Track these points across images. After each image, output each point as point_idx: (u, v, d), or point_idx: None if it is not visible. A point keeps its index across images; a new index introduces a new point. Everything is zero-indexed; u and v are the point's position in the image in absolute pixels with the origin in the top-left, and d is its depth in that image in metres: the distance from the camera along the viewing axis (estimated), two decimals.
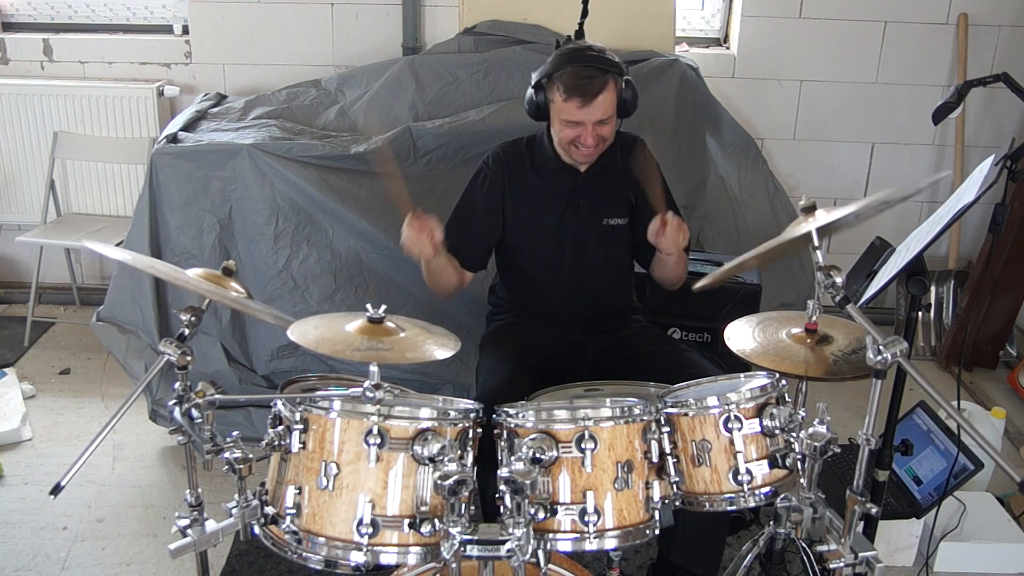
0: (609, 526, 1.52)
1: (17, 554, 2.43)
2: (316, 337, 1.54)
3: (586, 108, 2.06)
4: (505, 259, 2.35)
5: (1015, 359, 3.55)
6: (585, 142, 2.11)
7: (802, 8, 3.52)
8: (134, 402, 1.51)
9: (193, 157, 2.92)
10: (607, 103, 2.07)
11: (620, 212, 2.27)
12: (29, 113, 3.58)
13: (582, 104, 2.06)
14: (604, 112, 2.08)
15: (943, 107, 2.50)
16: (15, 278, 3.94)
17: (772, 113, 3.66)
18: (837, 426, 1.55)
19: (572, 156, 2.18)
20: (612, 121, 2.13)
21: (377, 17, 3.54)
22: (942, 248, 3.76)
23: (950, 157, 3.71)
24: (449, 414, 1.52)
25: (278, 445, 1.52)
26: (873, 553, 1.56)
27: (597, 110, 2.07)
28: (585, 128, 2.09)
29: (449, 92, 3.23)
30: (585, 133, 2.10)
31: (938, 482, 2.39)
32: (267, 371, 3.01)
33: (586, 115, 2.07)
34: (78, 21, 3.76)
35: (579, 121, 2.09)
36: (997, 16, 3.53)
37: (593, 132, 2.10)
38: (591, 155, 2.17)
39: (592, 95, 2.05)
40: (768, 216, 3.41)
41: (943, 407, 1.43)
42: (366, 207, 2.93)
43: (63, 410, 3.14)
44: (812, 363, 1.65)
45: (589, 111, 2.07)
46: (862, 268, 2.11)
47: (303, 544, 1.49)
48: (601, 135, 2.12)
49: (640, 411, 1.57)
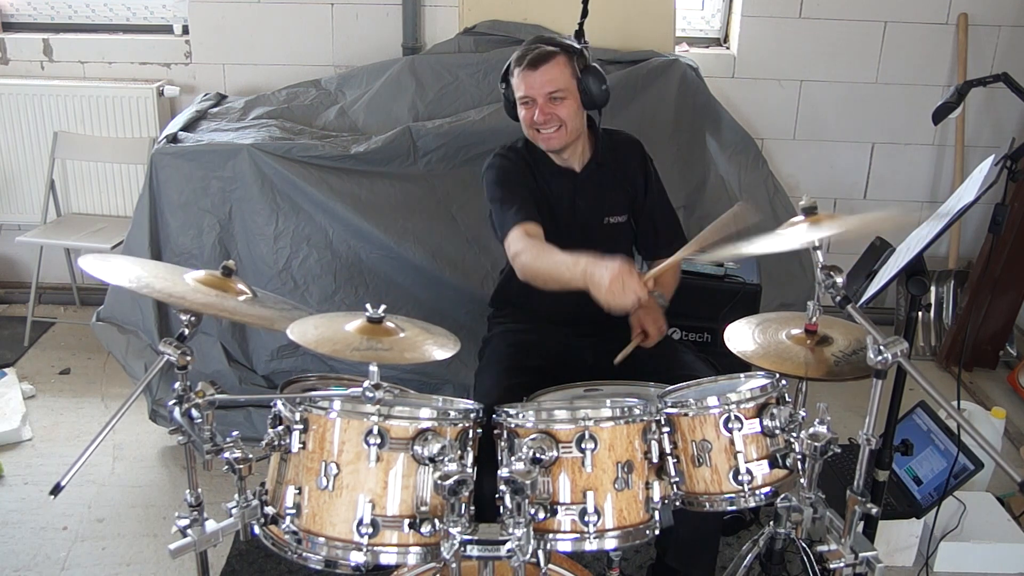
0: (609, 526, 1.52)
1: (17, 554, 2.43)
2: (316, 337, 1.54)
3: (533, 76, 2.07)
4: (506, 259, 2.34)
5: (1015, 359, 3.55)
6: (536, 119, 2.10)
7: (802, 8, 3.53)
8: (134, 402, 1.50)
9: (193, 157, 2.92)
10: (556, 74, 2.07)
11: (620, 209, 2.28)
12: (29, 113, 3.58)
13: (530, 72, 2.06)
14: (554, 84, 2.07)
15: (943, 107, 2.49)
16: (15, 278, 3.94)
17: (772, 113, 3.67)
18: (837, 426, 1.55)
19: (540, 145, 2.17)
20: (570, 103, 2.10)
21: (377, 17, 3.54)
22: (942, 248, 3.76)
23: (950, 157, 3.71)
24: (449, 414, 1.52)
25: (278, 445, 1.52)
26: (873, 553, 1.56)
27: (545, 79, 2.07)
28: (535, 104, 2.09)
29: (449, 92, 3.23)
30: (535, 109, 2.09)
31: (938, 482, 2.39)
32: (267, 371, 3.02)
33: (535, 86, 2.07)
34: (78, 21, 3.76)
35: (530, 97, 2.09)
36: (997, 16, 3.53)
37: (544, 108, 2.08)
38: (553, 140, 2.13)
39: (536, 63, 2.06)
40: (768, 216, 3.41)
41: (943, 407, 1.43)
42: (366, 207, 2.93)
43: (63, 410, 3.14)
44: (812, 364, 1.65)
45: (536, 79, 2.07)
46: (862, 268, 2.11)
47: (303, 544, 1.49)
48: (556, 114, 2.09)
49: (640, 411, 1.57)
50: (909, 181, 3.78)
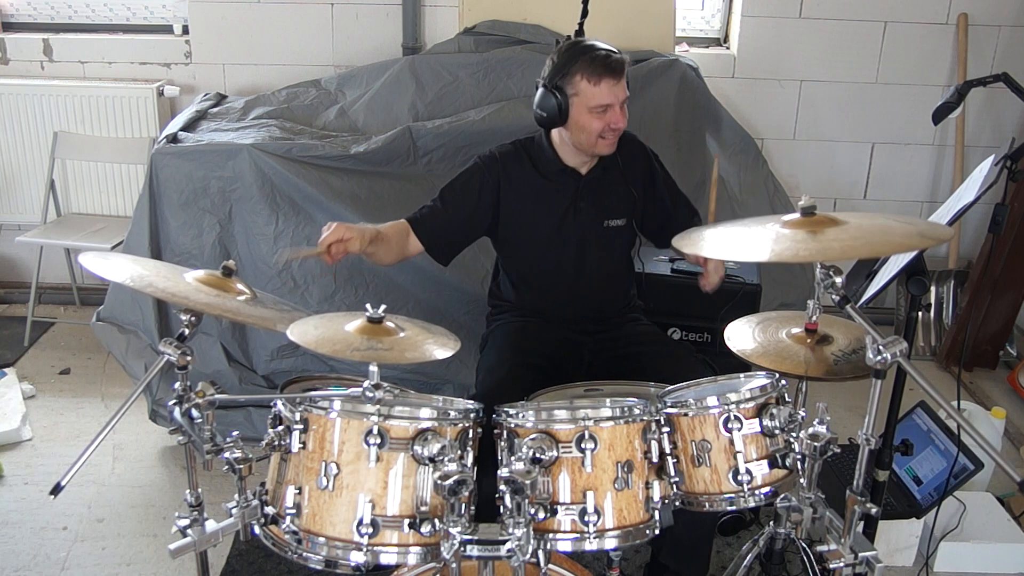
0: (609, 526, 1.52)
1: (17, 554, 2.43)
2: (316, 337, 1.54)
3: (618, 85, 2.09)
4: (506, 260, 2.35)
5: (1015, 359, 3.55)
6: (617, 123, 2.12)
7: (802, 8, 3.53)
8: (134, 402, 1.51)
9: (193, 157, 2.92)
10: (626, 82, 2.12)
11: (620, 213, 2.28)
12: (29, 113, 3.58)
13: (615, 81, 2.08)
14: (626, 91, 2.12)
15: (943, 107, 2.49)
16: (15, 278, 3.94)
17: (772, 113, 3.67)
18: (837, 426, 1.55)
19: (596, 150, 2.17)
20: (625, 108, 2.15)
21: (377, 17, 3.54)
22: (942, 248, 3.76)
23: (950, 157, 3.71)
24: (449, 414, 1.52)
25: (278, 445, 1.52)
26: (873, 553, 1.56)
27: (623, 86, 2.11)
28: (614, 109, 2.10)
29: (449, 92, 3.23)
30: (615, 114, 2.11)
31: (938, 482, 2.39)
32: (267, 371, 3.02)
33: (618, 92, 2.10)
34: (78, 21, 3.76)
35: (609, 103, 2.09)
36: (997, 16, 3.53)
37: (622, 114, 2.12)
38: (614, 144, 2.18)
39: (620, 71, 2.09)
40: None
41: (943, 407, 1.43)
42: (366, 207, 2.93)
43: (63, 410, 3.14)
44: (812, 363, 1.65)
45: (620, 87, 2.10)
46: (862, 268, 2.11)
47: (303, 544, 1.49)
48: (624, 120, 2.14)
49: (640, 411, 1.57)
50: (909, 181, 3.78)
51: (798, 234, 1.47)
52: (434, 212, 2.22)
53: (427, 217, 2.21)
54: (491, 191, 2.23)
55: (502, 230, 2.27)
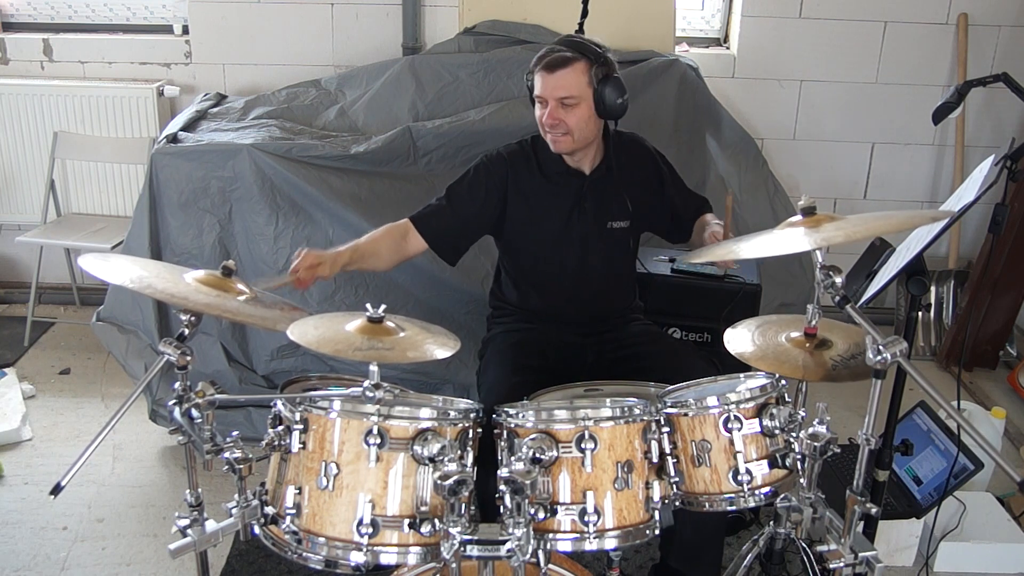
0: (609, 526, 1.52)
1: (17, 554, 2.43)
2: (316, 337, 1.54)
3: (548, 79, 2.07)
4: (509, 260, 2.35)
5: (1015, 359, 3.55)
6: (544, 120, 2.10)
7: (802, 8, 3.52)
8: (134, 402, 1.50)
9: (193, 157, 2.92)
10: (570, 81, 2.06)
11: (623, 215, 2.28)
12: (29, 113, 3.58)
13: (547, 74, 2.06)
14: (566, 90, 2.06)
15: (943, 107, 2.49)
16: (15, 278, 3.94)
17: (772, 113, 3.66)
18: (837, 426, 1.55)
19: (552, 148, 2.17)
20: (581, 110, 2.08)
21: (377, 17, 3.54)
22: (942, 248, 3.76)
23: (950, 157, 3.71)
24: (449, 414, 1.52)
25: (278, 445, 1.52)
26: (873, 553, 1.56)
27: (558, 84, 2.06)
28: (547, 104, 2.09)
29: (449, 92, 3.23)
30: (545, 110, 2.09)
31: (938, 482, 2.39)
32: (267, 371, 3.01)
33: (549, 88, 2.07)
34: (78, 21, 3.76)
35: (542, 97, 2.09)
36: (997, 16, 3.53)
37: (554, 113, 2.08)
38: (559, 143, 2.14)
39: (554, 66, 2.06)
40: (768, 216, 3.41)
41: (943, 407, 1.43)
42: (366, 207, 2.93)
43: (63, 410, 3.14)
44: (811, 367, 1.65)
45: (550, 83, 2.07)
46: (862, 268, 2.11)
47: (303, 544, 1.49)
48: (564, 120, 2.08)
49: (640, 411, 1.57)
50: (909, 181, 3.78)
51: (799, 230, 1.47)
52: (440, 211, 2.21)
53: (432, 216, 2.20)
54: (498, 190, 2.23)
55: (507, 229, 2.27)
